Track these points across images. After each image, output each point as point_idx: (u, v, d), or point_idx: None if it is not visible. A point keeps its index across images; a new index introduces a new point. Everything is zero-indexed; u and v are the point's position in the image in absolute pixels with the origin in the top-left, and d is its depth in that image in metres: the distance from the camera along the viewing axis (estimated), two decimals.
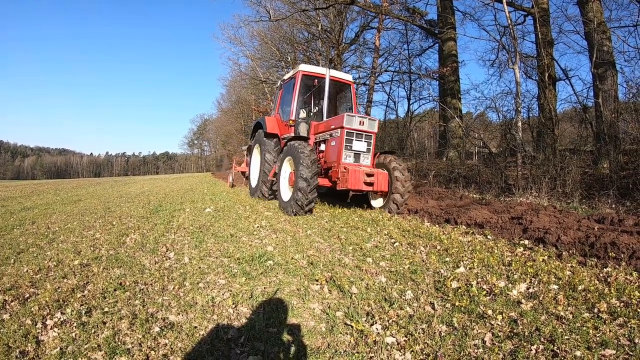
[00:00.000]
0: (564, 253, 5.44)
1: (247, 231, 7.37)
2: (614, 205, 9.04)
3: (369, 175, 9.25)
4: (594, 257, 5.17)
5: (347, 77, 12.21)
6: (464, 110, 21.96)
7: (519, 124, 12.95)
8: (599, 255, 5.21)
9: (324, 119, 10.97)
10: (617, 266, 4.91)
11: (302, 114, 12.10)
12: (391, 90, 29.52)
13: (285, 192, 10.29)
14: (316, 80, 11.46)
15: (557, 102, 15.63)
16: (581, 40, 15.72)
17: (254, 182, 13.54)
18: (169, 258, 5.59)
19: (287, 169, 10.39)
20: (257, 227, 7.78)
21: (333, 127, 9.89)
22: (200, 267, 5.09)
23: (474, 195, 11.66)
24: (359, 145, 9.64)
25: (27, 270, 5.04)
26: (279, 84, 13.30)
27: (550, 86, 14.95)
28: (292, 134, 11.25)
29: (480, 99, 32.90)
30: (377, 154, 10.45)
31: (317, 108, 12.55)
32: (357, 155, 9.67)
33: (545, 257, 5.30)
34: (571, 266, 4.96)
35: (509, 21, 14.38)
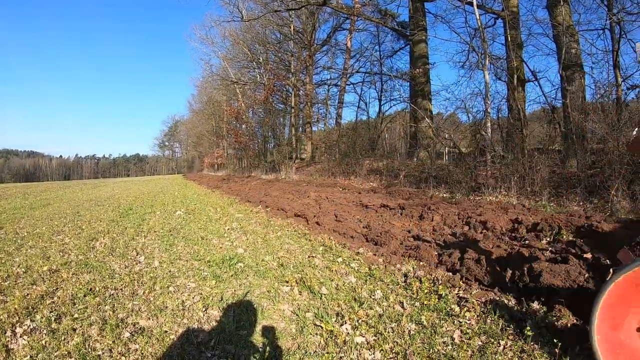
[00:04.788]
0: None
1: (218, 233, 7.42)
2: (581, 203, 9.23)
3: None
4: None
5: None
6: (435, 111, 22.27)
7: (488, 124, 13.21)
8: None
9: None
10: None
11: None
12: (362, 91, 29.92)
13: None
14: None
15: (526, 103, 16.02)
16: (550, 42, 16.11)
17: None
18: (139, 262, 5.61)
19: None
20: (228, 229, 7.84)
21: None
22: (170, 271, 5.12)
23: (444, 195, 11.89)
24: None
25: None
26: None
27: (519, 87, 15.31)
28: None
29: (450, 99, 33.43)
30: None
31: None
32: None
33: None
34: None
35: (479, 24, 14.71)
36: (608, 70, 15.17)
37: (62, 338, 3.34)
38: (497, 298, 4.10)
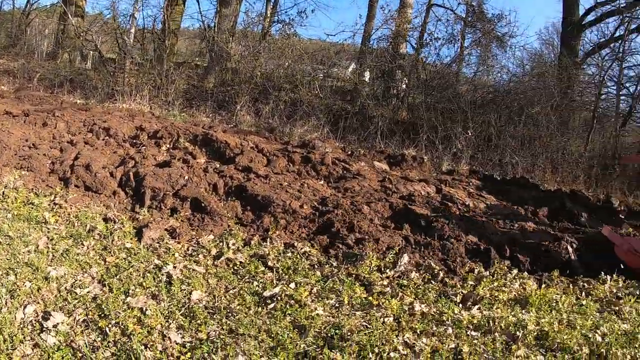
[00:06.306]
0: None
1: None
2: (211, 115, 10.45)
3: None
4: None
5: None
6: (94, 11, 20.78)
7: (132, 30, 13.36)
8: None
9: None
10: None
11: None
12: None
13: None
14: None
15: (182, 17, 16.47)
16: None
17: None
18: None
19: None
20: None
21: None
22: None
23: (78, 101, 11.35)
24: None
25: None
26: None
27: (178, 1, 15.51)
28: None
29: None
30: None
31: None
32: None
33: None
34: None
35: None
36: (264, 3, 17.47)
37: None
38: (100, 201, 4.72)
